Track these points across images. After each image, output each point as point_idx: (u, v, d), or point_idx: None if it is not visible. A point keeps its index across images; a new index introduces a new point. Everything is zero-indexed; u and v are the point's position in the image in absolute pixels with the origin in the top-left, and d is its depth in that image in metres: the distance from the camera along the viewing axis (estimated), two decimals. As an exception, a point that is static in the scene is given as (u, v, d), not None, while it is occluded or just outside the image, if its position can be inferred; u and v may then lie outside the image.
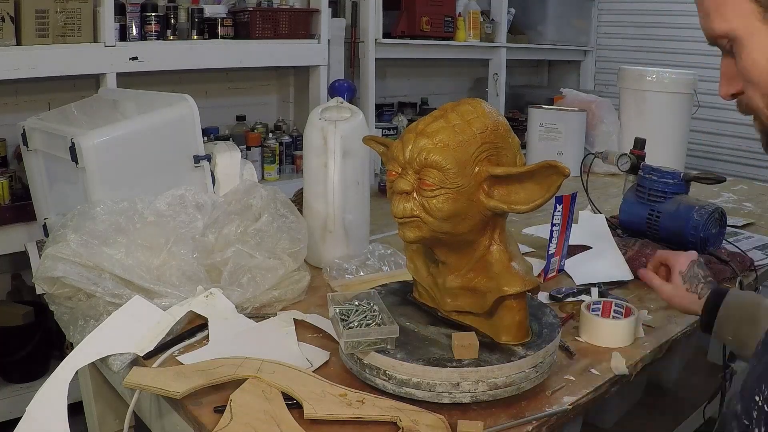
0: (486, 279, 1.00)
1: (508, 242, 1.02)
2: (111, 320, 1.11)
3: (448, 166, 0.92)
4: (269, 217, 1.38)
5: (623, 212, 1.70)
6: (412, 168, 0.94)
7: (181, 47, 2.45)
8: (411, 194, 0.94)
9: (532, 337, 1.02)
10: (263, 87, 3.11)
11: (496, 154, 0.95)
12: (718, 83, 0.78)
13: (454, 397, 0.94)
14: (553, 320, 1.06)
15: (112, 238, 1.25)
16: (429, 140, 0.93)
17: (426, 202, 0.93)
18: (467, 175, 0.93)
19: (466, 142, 0.93)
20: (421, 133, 0.95)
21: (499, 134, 0.96)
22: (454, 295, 1.04)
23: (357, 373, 1.01)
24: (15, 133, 1.66)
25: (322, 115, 1.46)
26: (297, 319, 1.22)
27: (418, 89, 3.77)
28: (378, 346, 0.97)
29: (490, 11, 3.63)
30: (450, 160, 0.92)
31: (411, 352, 0.97)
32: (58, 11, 2.08)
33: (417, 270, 1.10)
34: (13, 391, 2.23)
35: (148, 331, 1.11)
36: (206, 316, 1.17)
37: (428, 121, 0.96)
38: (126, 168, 1.39)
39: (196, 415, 0.93)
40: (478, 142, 0.93)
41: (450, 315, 1.06)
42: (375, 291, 1.08)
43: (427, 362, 0.95)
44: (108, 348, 1.08)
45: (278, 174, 2.88)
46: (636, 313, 1.19)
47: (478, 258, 1.00)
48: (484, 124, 0.95)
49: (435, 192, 0.92)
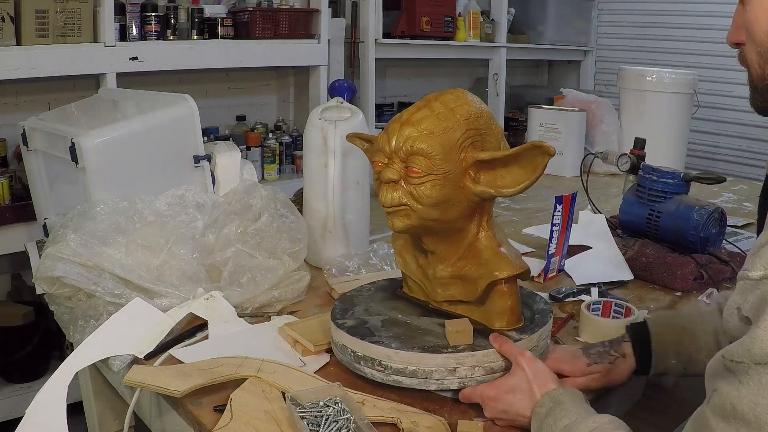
0: (476, 266, 1.01)
1: (496, 229, 1.03)
2: (111, 322, 1.11)
3: (434, 153, 0.92)
4: (269, 217, 1.38)
5: (623, 212, 1.70)
6: (398, 157, 0.95)
7: (181, 47, 2.45)
8: (398, 183, 0.95)
9: (524, 322, 1.03)
10: (263, 87, 3.11)
11: (480, 140, 0.96)
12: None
13: (451, 383, 0.94)
14: (545, 306, 1.07)
15: (112, 238, 1.25)
16: (414, 128, 0.94)
17: (414, 190, 0.94)
18: (453, 161, 0.93)
19: (451, 128, 0.94)
20: (405, 122, 0.95)
21: (482, 121, 0.97)
22: (444, 284, 1.04)
23: (347, 364, 1.01)
24: (15, 133, 1.66)
25: (322, 115, 1.46)
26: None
27: (418, 89, 3.77)
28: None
29: (490, 11, 3.63)
30: (436, 147, 0.92)
31: (405, 341, 0.97)
32: (58, 11, 2.08)
33: (406, 264, 1.10)
34: (13, 391, 2.24)
35: (148, 332, 1.11)
36: (206, 319, 1.17)
37: (412, 111, 0.97)
38: (126, 168, 1.39)
39: (196, 415, 0.93)
40: (462, 128, 0.94)
41: (441, 306, 1.07)
42: (338, 384, 0.94)
43: (423, 350, 0.95)
44: (107, 350, 1.08)
45: (278, 174, 2.88)
46: (636, 313, 1.19)
47: (467, 246, 1.01)
48: (467, 111, 0.96)
49: (422, 179, 0.93)
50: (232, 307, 1.21)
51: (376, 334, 1.00)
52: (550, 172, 2.58)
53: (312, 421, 0.86)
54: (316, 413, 0.87)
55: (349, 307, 1.09)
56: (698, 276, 1.43)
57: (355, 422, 0.87)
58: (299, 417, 0.86)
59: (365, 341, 0.97)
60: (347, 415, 0.87)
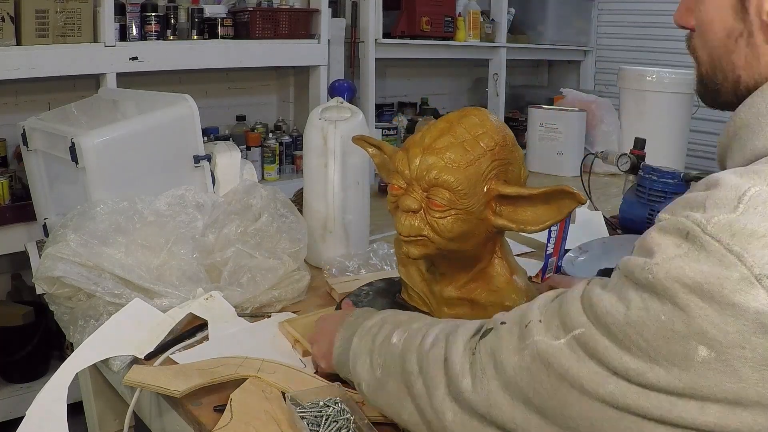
0: (486, 292, 0.99)
1: (508, 254, 1.01)
2: (110, 323, 1.10)
3: (460, 187, 0.89)
4: (269, 217, 1.38)
5: (623, 212, 1.70)
6: (419, 185, 0.91)
7: (181, 47, 2.45)
8: (418, 212, 0.92)
9: None
10: (263, 87, 3.11)
11: (504, 170, 0.93)
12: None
13: None
14: None
15: (112, 238, 1.25)
16: (438, 158, 0.89)
17: (434, 222, 0.90)
18: (477, 195, 0.90)
19: (476, 160, 0.90)
20: (428, 148, 0.91)
21: (507, 149, 0.93)
22: (451, 304, 1.02)
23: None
24: (15, 133, 1.66)
25: (322, 115, 1.46)
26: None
27: (418, 89, 3.77)
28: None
29: (490, 11, 3.63)
30: (462, 181, 0.89)
31: None
32: (58, 11, 2.08)
33: (410, 275, 1.08)
34: (13, 391, 2.23)
35: (148, 333, 1.10)
36: (206, 319, 1.17)
37: (434, 135, 0.92)
38: (126, 168, 1.39)
39: (196, 415, 0.93)
40: (488, 159, 0.91)
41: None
42: (338, 385, 0.92)
43: None
44: (108, 351, 1.08)
45: (278, 174, 2.88)
46: None
47: (479, 269, 0.99)
48: (493, 139, 0.92)
49: (444, 213, 0.89)
50: (231, 307, 1.21)
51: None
52: (550, 172, 2.59)
53: (312, 421, 0.86)
54: (316, 413, 0.87)
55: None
56: (698, 276, 1.43)
57: (355, 422, 0.87)
58: (299, 417, 0.86)
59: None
60: (347, 415, 0.87)
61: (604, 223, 1.68)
